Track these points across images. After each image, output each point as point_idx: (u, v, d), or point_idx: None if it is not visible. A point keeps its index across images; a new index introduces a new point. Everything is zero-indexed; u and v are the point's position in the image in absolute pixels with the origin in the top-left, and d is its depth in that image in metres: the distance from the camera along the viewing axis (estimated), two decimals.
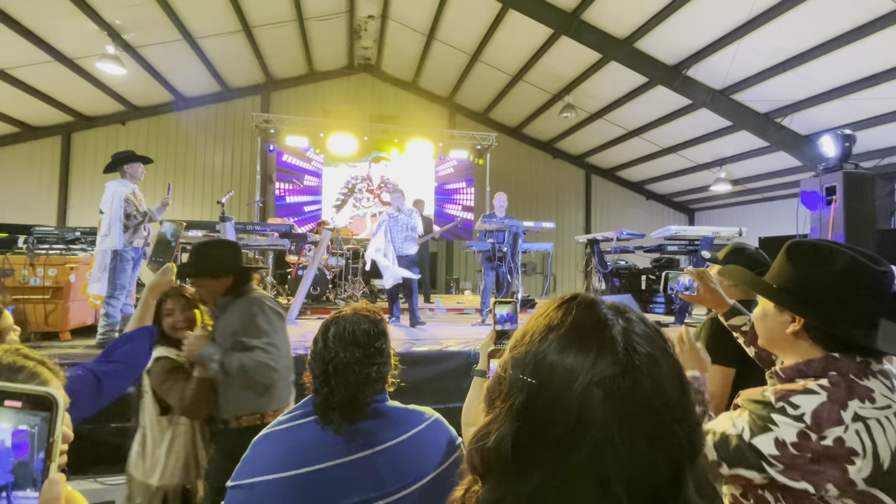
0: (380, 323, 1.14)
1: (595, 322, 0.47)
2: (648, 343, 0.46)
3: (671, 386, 0.44)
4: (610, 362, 0.44)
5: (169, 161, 10.19)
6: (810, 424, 0.82)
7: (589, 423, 0.42)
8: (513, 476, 0.44)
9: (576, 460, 0.42)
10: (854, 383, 0.86)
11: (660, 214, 12.78)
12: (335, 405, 1.01)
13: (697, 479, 0.44)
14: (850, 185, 3.23)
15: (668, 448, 0.42)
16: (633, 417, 0.42)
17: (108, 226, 3.36)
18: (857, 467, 0.79)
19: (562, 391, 0.43)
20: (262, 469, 0.96)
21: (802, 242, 1.00)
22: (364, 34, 9.84)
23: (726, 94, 7.60)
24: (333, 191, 9.97)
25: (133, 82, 8.71)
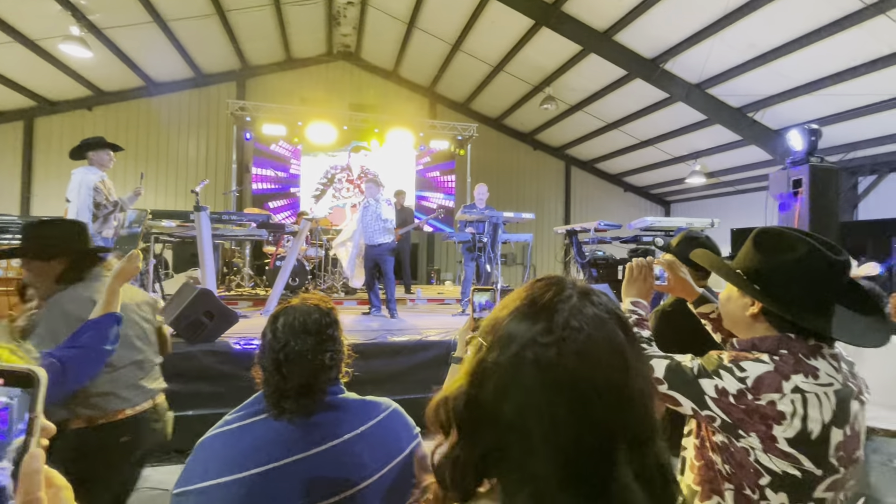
0: (330, 312, 1.11)
1: (552, 297, 0.48)
2: (590, 322, 0.46)
3: (604, 367, 0.44)
4: (542, 330, 0.45)
5: (140, 149, 9.85)
6: (750, 387, 0.90)
7: (517, 384, 0.44)
8: (468, 434, 0.47)
9: (507, 421, 0.44)
10: (802, 361, 0.92)
11: (637, 206, 13.02)
12: (288, 393, 0.99)
13: (642, 465, 0.44)
14: (815, 178, 3.35)
15: (593, 426, 0.43)
16: (558, 388, 0.43)
17: (76, 215, 3.23)
18: (781, 428, 0.87)
19: (503, 352, 0.46)
20: (214, 472, 0.92)
21: (769, 230, 1.04)
22: (343, 21, 9.64)
23: (702, 89, 7.76)
24: (312, 181, 9.80)
25: (100, 66, 8.35)
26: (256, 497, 0.89)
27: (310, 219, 4.81)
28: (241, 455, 0.93)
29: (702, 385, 0.94)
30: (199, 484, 0.91)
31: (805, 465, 0.88)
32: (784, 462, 0.88)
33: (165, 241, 4.99)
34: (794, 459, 0.88)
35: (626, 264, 1.39)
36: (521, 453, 0.43)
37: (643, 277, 1.26)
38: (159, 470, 3.01)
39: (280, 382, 0.99)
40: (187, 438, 3.58)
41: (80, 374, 1.20)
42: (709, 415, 0.94)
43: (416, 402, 1.20)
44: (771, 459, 0.89)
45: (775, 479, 0.89)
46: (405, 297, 7.05)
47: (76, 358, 1.20)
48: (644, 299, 1.24)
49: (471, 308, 1.22)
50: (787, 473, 0.88)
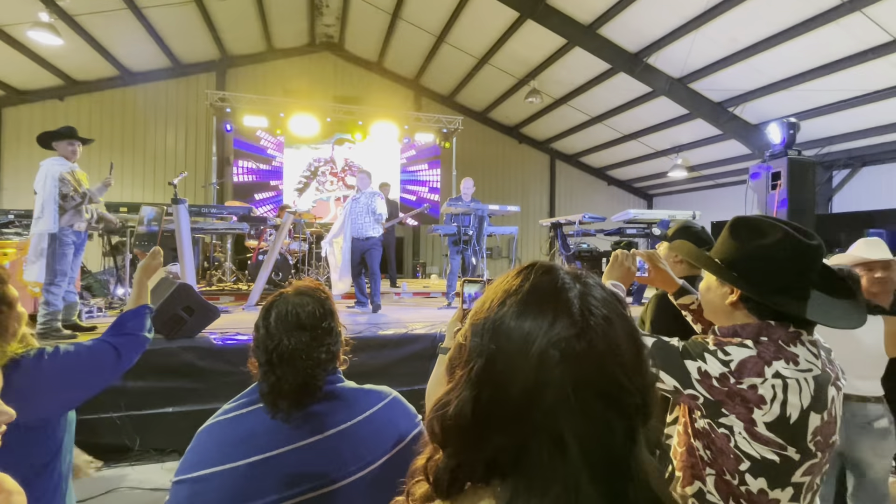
0: (326, 301, 1.08)
1: (552, 286, 0.48)
2: (605, 306, 0.47)
3: (626, 347, 0.45)
4: (566, 324, 0.44)
5: (115, 140, 9.55)
6: (733, 370, 0.92)
7: (545, 385, 0.42)
8: (472, 442, 0.45)
9: (532, 423, 0.43)
10: (782, 348, 0.94)
11: (620, 199, 13.17)
12: (284, 394, 0.97)
13: (649, 438, 0.46)
14: (793, 171, 3.43)
15: (622, 409, 0.43)
16: (588, 378, 0.43)
17: (42, 207, 3.10)
18: (761, 412, 0.89)
19: (519, 354, 0.44)
20: (209, 461, 0.92)
21: (744, 218, 1.06)
22: (326, 11, 9.47)
23: (684, 83, 7.85)
24: (295, 173, 9.65)
25: (72, 54, 8.05)
26: (248, 487, 0.89)
27: (292, 212, 4.72)
28: (233, 445, 0.93)
29: (686, 365, 0.96)
30: (194, 473, 0.91)
31: (783, 450, 0.90)
32: (763, 447, 0.90)
33: None
34: (773, 444, 0.89)
35: (610, 255, 1.41)
36: (551, 452, 0.42)
37: (626, 266, 1.31)
38: (137, 469, 2.96)
39: (276, 383, 0.97)
40: (167, 436, 3.50)
41: (130, 359, 1.29)
42: (691, 393, 0.95)
43: (403, 394, 1.20)
44: (750, 444, 0.91)
45: (754, 465, 0.91)
46: (391, 291, 7.01)
47: (126, 344, 1.29)
48: (623, 284, 1.29)
49: (460, 300, 1.21)
50: (766, 458, 0.90)
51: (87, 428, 2.90)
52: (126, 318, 1.36)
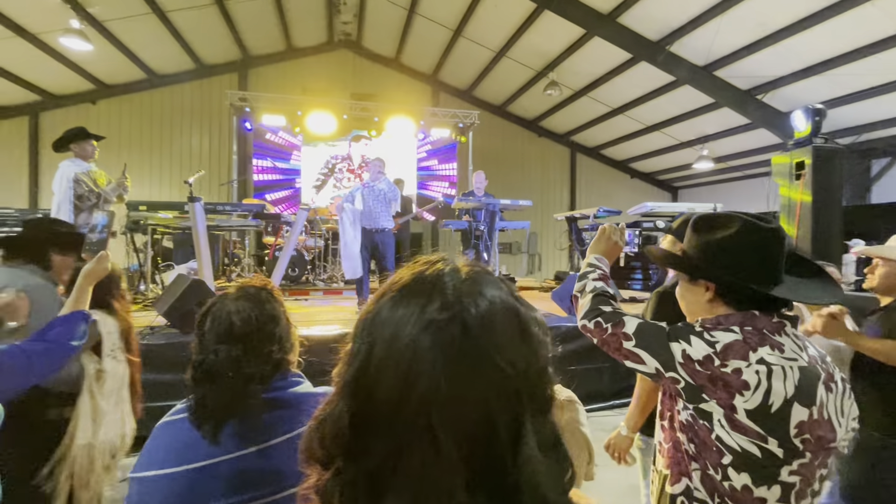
0: (266, 304, 0.99)
1: (432, 273, 0.44)
2: (485, 288, 0.43)
3: (508, 333, 0.42)
4: (438, 307, 0.41)
5: (144, 141, 9.91)
6: (718, 352, 0.91)
7: (417, 376, 0.38)
8: (355, 454, 0.41)
9: (405, 421, 0.38)
10: (767, 336, 0.93)
11: (644, 192, 12.82)
12: (208, 414, 0.90)
13: (543, 434, 0.42)
14: (818, 160, 3.24)
15: (502, 399, 0.39)
16: (463, 366, 0.39)
17: (58, 207, 3.24)
18: (743, 399, 0.87)
19: (391, 344, 0.40)
20: (155, 462, 0.89)
21: (704, 215, 1.07)
22: (343, 8, 9.53)
23: (709, 71, 7.55)
24: (313, 171, 9.80)
25: (102, 59, 8.38)
26: (190, 492, 0.86)
27: (307, 208, 4.78)
28: (179, 449, 0.90)
29: (671, 347, 0.95)
30: (142, 472, 0.90)
31: (764, 441, 0.87)
32: (742, 437, 0.88)
33: (165, 232, 5.02)
34: (752, 433, 0.87)
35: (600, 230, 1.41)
36: (424, 455, 0.37)
37: (613, 240, 1.30)
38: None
39: (200, 401, 0.91)
40: None
41: (45, 367, 1.22)
42: (673, 377, 0.94)
43: None
44: (730, 434, 0.89)
45: (736, 458, 0.88)
46: None
47: (43, 352, 1.22)
48: (608, 258, 1.28)
49: None
50: (747, 451, 0.87)
51: None
52: (53, 325, 1.30)
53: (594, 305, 1.12)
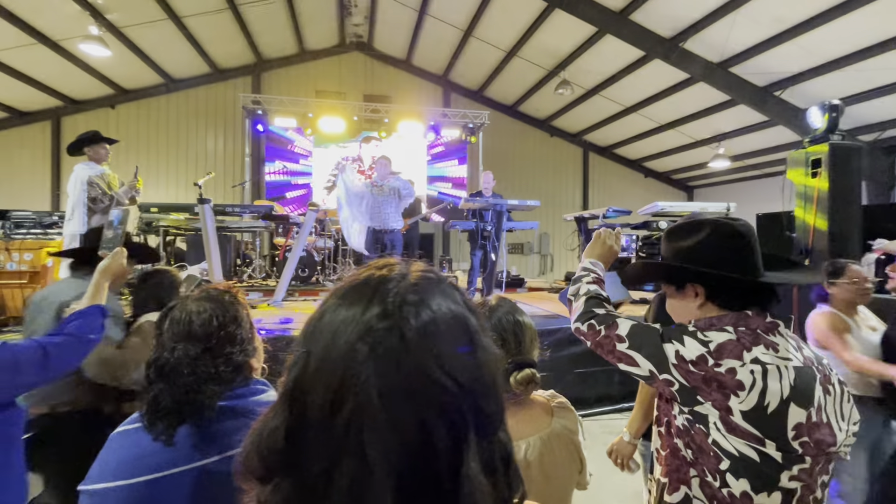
0: (230, 306, 0.98)
1: (377, 278, 0.42)
2: (431, 294, 0.40)
3: (452, 345, 0.39)
4: (377, 314, 0.38)
5: (160, 144, 10.12)
6: (712, 351, 0.90)
7: (350, 388, 0.36)
8: (291, 469, 0.38)
9: (337, 434, 0.36)
10: (761, 336, 0.92)
11: (658, 192, 12.62)
12: (161, 413, 0.87)
13: (489, 452, 0.39)
14: (835, 157, 3.14)
15: (442, 416, 0.36)
16: (398, 379, 0.36)
17: (72, 209, 3.33)
18: (738, 399, 0.85)
19: (328, 353, 0.38)
20: (108, 474, 0.85)
21: (674, 226, 1.10)
22: (354, 10, 9.61)
23: (724, 67, 7.40)
24: (324, 172, 9.88)
25: (120, 64, 8.59)
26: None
27: (315, 209, 4.82)
28: (131, 460, 0.86)
29: (664, 349, 0.94)
30: (92, 485, 0.85)
31: (762, 445, 0.84)
32: (739, 440, 0.86)
33: (178, 234, 5.11)
34: (750, 436, 0.85)
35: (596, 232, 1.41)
36: (354, 476, 0.35)
37: (608, 245, 1.29)
38: None
39: (153, 400, 0.88)
40: None
41: (63, 362, 1.22)
42: (666, 378, 0.92)
43: None
44: (726, 438, 0.86)
45: (734, 463, 0.86)
46: None
47: (60, 345, 1.22)
48: (603, 262, 1.27)
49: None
50: (745, 456, 0.85)
51: None
52: (71, 319, 1.31)
53: (587, 308, 1.11)
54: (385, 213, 4.83)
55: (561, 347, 3.98)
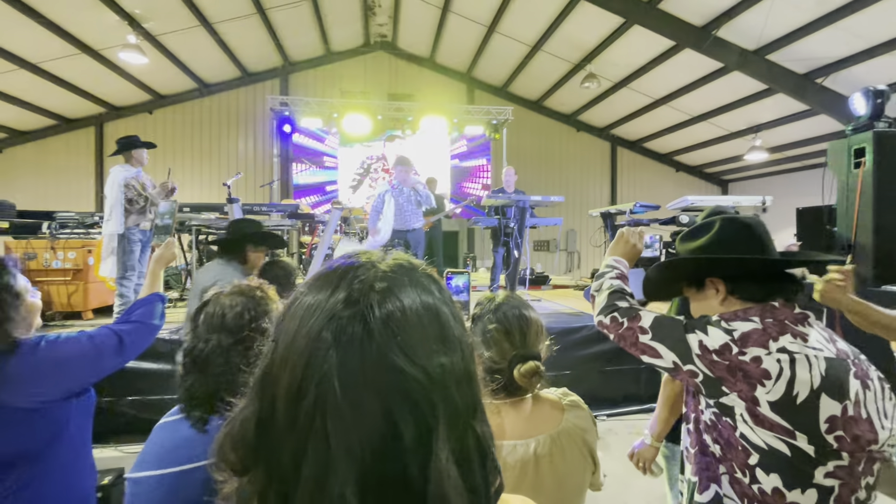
0: (262, 301, 1.03)
1: (346, 265, 0.41)
2: (401, 282, 0.40)
3: (420, 335, 0.38)
4: (342, 301, 0.37)
5: (195, 146, 10.51)
6: (736, 339, 0.88)
7: (312, 376, 0.35)
8: (263, 460, 0.38)
9: (302, 424, 0.35)
10: (789, 326, 0.89)
11: (690, 187, 12.21)
12: (197, 401, 0.92)
13: (462, 445, 0.38)
14: (881, 146, 2.94)
15: (407, 407, 0.35)
16: (360, 368, 0.35)
17: (110, 210, 3.50)
18: (765, 389, 0.83)
19: (294, 339, 0.38)
20: (147, 464, 0.91)
21: (685, 231, 1.11)
22: (378, 10, 9.69)
23: (761, 55, 7.06)
24: (349, 171, 10.03)
25: (156, 71, 8.95)
26: (173, 495, 0.87)
27: (339, 207, 4.90)
28: (168, 451, 0.91)
29: (688, 339, 0.92)
30: (135, 473, 0.91)
31: (792, 438, 0.81)
32: (768, 433, 0.82)
33: (209, 233, 5.29)
34: (779, 428, 0.81)
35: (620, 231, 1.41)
36: (318, 467, 0.34)
37: (631, 243, 1.29)
38: None
39: (188, 389, 0.94)
40: None
41: (134, 346, 1.32)
42: (691, 370, 0.91)
43: None
44: (754, 431, 0.84)
45: (763, 457, 0.83)
46: None
47: (131, 331, 1.33)
48: (627, 260, 1.27)
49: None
50: (775, 450, 0.82)
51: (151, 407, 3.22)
52: (135, 307, 1.41)
53: (610, 301, 1.11)
54: (407, 213, 4.91)
55: (586, 345, 3.91)
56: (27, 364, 1.06)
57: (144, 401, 3.18)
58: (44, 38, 7.16)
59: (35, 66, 7.77)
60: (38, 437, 1.07)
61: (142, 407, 3.12)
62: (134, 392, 3.17)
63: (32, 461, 1.06)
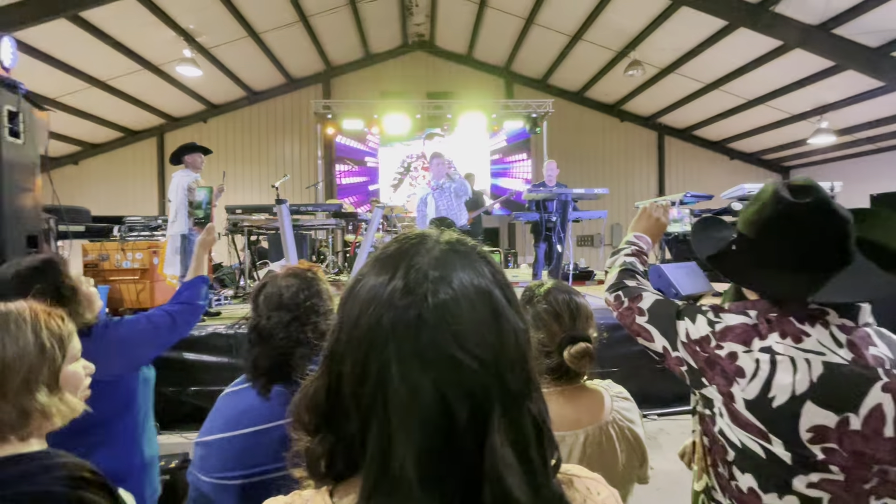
0: (313, 282, 1.12)
1: (410, 248, 0.43)
2: (455, 267, 0.41)
3: (474, 321, 0.39)
4: (400, 289, 0.39)
5: (245, 151, 11.06)
6: (716, 332, 0.84)
7: (373, 359, 0.38)
8: (332, 425, 0.42)
9: (366, 401, 0.38)
10: (788, 323, 0.79)
11: (746, 175, 11.48)
12: (261, 371, 1.02)
13: (518, 426, 0.39)
14: None
15: (461, 391, 0.37)
16: (416, 353, 0.37)
17: (175, 213, 3.76)
18: (739, 387, 0.79)
19: (356, 324, 0.40)
20: (215, 428, 1.02)
21: (706, 217, 1.03)
22: (416, 10, 9.77)
23: (826, 29, 6.52)
24: (390, 170, 10.21)
25: (209, 82, 9.48)
26: (242, 455, 0.97)
27: (381, 206, 5.00)
28: (233, 416, 1.02)
29: (677, 325, 0.90)
30: (203, 437, 1.03)
31: (766, 441, 0.76)
32: (743, 433, 0.79)
33: (260, 233, 5.56)
34: (752, 428, 0.77)
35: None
36: (380, 443, 0.37)
37: (654, 218, 1.23)
38: None
39: (254, 360, 1.04)
40: None
41: (184, 325, 1.48)
42: (678, 357, 0.89)
43: None
44: (731, 429, 0.81)
45: (738, 455, 0.80)
46: None
47: (181, 311, 1.48)
48: (650, 237, 1.22)
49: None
50: (748, 449, 0.78)
51: (212, 396, 3.43)
52: (183, 289, 1.55)
53: (619, 280, 1.09)
54: (450, 211, 4.86)
55: (635, 342, 3.76)
56: (100, 343, 1.23)
57: (205, 391, 3.39)
58: (111, 58, 7.76)
59: (104, 84, 8.44)
60: (113, 405, 1.24)
61: (203, 397, 3.33)
62: (196, 383, 3.39)
63: (104, 428, 1.20)
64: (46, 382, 0.80)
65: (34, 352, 0.79)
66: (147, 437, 1.36)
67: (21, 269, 1.20)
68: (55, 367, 0.82)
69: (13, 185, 2.34)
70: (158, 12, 7.14)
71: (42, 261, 1.24)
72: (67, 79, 7.87)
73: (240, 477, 0.96)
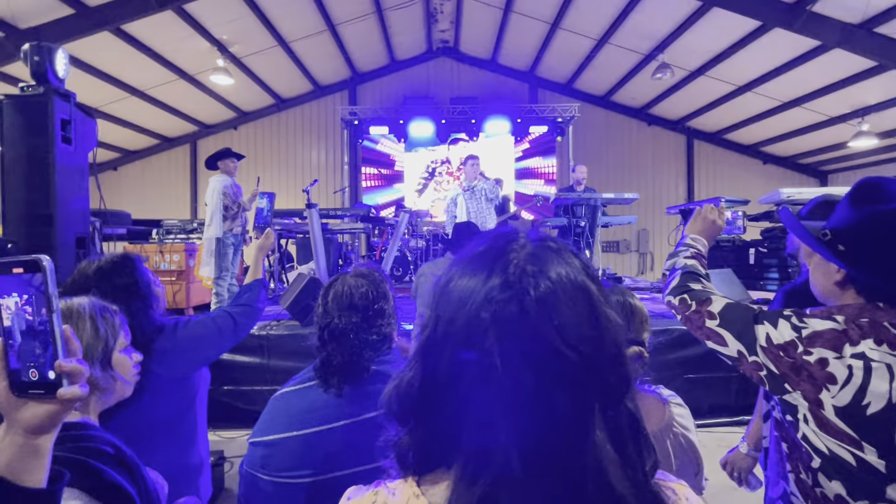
0: (380, 285, 1.13)
1: (502, 246, 0.43)
2: (552, 262, 0.41)
3: (573, 315, 0.39)
4: (499, 284, 0.40)
5: (274, 157, 11.33)
6: (804, 337, 0.81)
7: (472, 354, 0.39)
8: (424, 416, 0.43)
9: (461, 396, 0.39)
10: (884, 329, 0.77)
11: (781, 180, 11.09)
12: (334, 369, 1.04)
13: (616, 423, 0.39)
14: None
15: (564, 385, 0.37)
16: (518, 347, 0.38)
17: (211, 216, 3.88)
18: (830, 393, 0.76)
19: (454, 319, 0.41)
20: (278, 427, 1.02)
21: (869, 179, 0.87)
22: (441, 17, 9.85)
23: (867, 28, 6.28)
24: (415, 176, 10.28)
25: (241, 90, 9.77)
26: (309, 453, 0.98)
27: (406, 211, 5.03)
28: (298, 415, 1.03)
29: (755, 329, 0.86)
30: (266, 437, 1.03)
31: (858, 449, 0.73)
32: (832, 440, 0.76)
33: (289, 237, 5.67)
34: (843, 436, 0.74)
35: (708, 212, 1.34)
36: (482, 434, 0.38)
37: (710, 220, 1.21)
38: None
39: (326, 358, 1.05)
40: None
41: (245, 326, 1.52)
42: (756, 361, 0.86)
43: None
44: (817, 435, 0.77)
45: (825, 462, 0.77)
46: None
47: (242, 313, 1.52)
48: (706, 239, 1.21)
49: None
50: (838, 457, 0.75)
51: (244, 396, 3.51)
52: (242, 292, 1.59)
53: (682, 282, 1.06)
54: (481, 214, 4.84)
55: (668, 350, 3.68)
56: (170, 341, 1.27)
57: (238, 390, 3.47)
58: (149, 68, 8.09)
59: (142, 93, 8.80)
60: (179, 404, 1.28)
61: (236, 396, 3.41)
62: (230, 382, 3.48)
63: (169, 427, 1.23)
64: (100, 360, 0.89)
65: (91, 333, 0.88)
66: (202, 437, 1.39)
67: (102, 265, 1.27)
68: (108, 349, 0.90)
69: (65, 190, 2.46)
70: (195, 24, 7.41)
71: (121, 257, 1.31)
72: (109, 88, 8.24)
73: (309, 475, 0.97)
